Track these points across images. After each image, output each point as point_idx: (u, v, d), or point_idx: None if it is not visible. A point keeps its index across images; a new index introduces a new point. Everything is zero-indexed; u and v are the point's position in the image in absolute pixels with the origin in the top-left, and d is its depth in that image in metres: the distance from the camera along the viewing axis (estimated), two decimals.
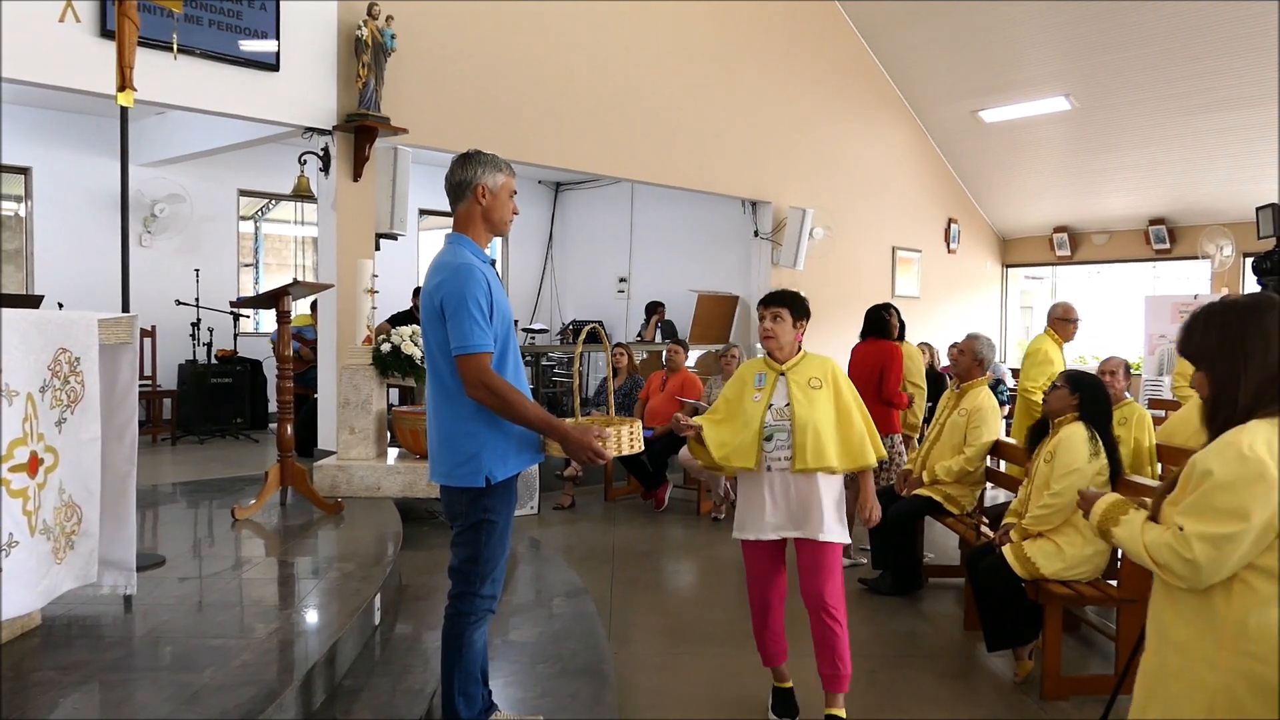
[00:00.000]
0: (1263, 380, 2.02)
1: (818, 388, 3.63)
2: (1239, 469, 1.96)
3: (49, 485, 3.08)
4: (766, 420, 3.62)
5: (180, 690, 2.85)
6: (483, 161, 3.05)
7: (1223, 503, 1.97)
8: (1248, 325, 2.07)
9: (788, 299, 3.75)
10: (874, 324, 6.64)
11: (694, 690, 4.19)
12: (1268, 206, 3.26)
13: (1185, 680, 2.05)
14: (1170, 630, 2.10)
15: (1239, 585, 1.99)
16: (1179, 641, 2.08)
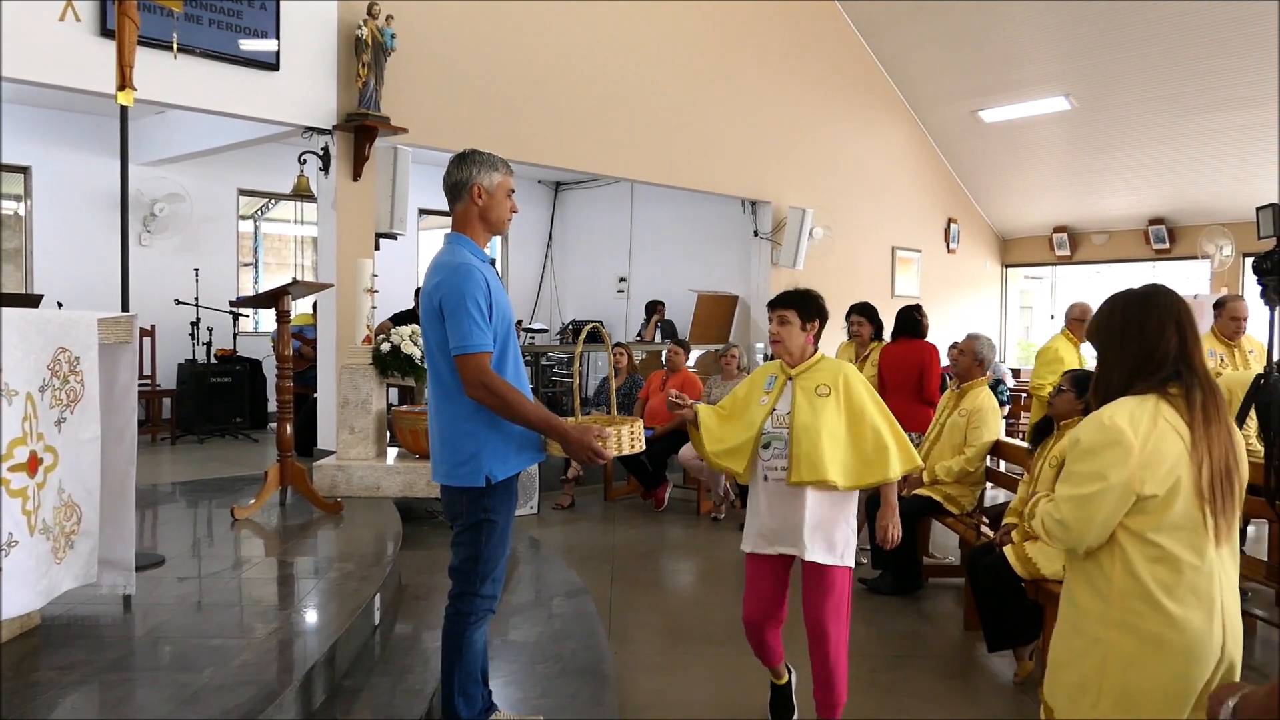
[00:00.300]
0: (1137, 362, 2.23)
1: (825, 395, 3.37)
2: (1098, 435, 2.17)
3: (48, 485, 3.08)
4: (766, 426, 3.44)
5: (180, 690, 2.85)
6: (478, 161, 3.04)
7: (1084, 467, 2.19)
8: (1130, 313, 2.28)
9: (795, 299, 3.53)
10: (906, 324, 6.78)
11: (694, 690, 4.19)
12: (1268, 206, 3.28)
13: (1084, 636, 2.24)
14: (1074, 594, 2.29)
15: (1118, 548, 2.18)
16: (1080, 604, 2.27)
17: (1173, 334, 2.22)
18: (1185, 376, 2.20)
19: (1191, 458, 2.14)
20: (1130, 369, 2.24)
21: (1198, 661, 2.10)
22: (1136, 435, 2.13)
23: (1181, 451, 2.14)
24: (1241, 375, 5.50)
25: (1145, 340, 2.23)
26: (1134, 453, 2.12)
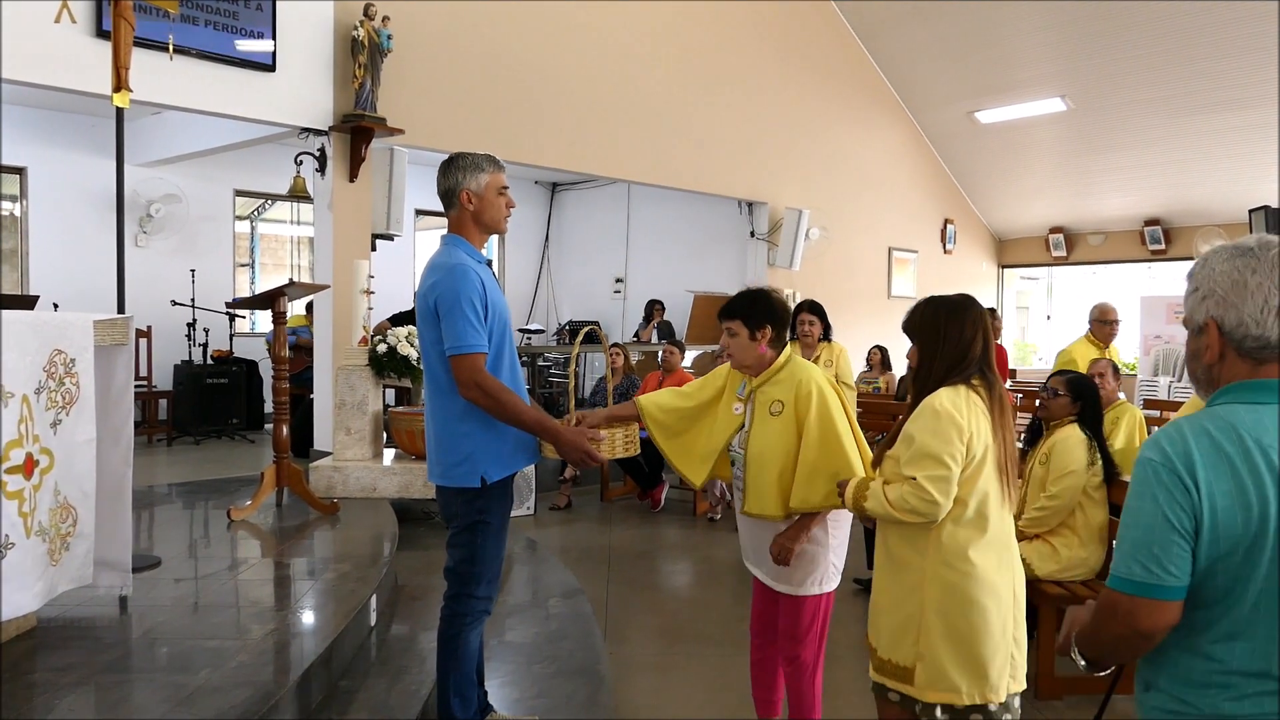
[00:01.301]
0: (953, 361, 2.62)
1: (778, 413, 3.04)
2: (936, 422, 2.54)
3: (44, 487, 3.08)
4: (732, 444, 3.18)
5: (176, 691, 2.86)
6: (463, 166, 3.03)
7: (937, 449, 2.53)
8: (951, 320, 2.66)
9: (736, 307, 3.13)
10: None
11: (689, 690, 4.19)
12: (1260, 209, 3.28)
13: (904, 586, 2.62)
14: (894, 551, 2.66)
15: None
16: (900, 559, 2.64)
17: (980, 339, 2.65)
18: (987, 374, 2.64)
19: (994, 437, 2.58)
20: (948, 366, 2.63)
21: (1000, 602, 2.55)
22: (961, 415, 2.54)
23: (989, 429, 2.58)
24: None
25: (962, 343, 2.63)
26: (965, 429, 2.53)
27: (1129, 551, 1.60)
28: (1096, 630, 1.69)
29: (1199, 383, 1.73)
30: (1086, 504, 4.36)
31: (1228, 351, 1.65)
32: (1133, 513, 1.61)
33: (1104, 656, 1.73)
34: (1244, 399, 1.62)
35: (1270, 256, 1.62)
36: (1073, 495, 4.32)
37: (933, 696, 2.56)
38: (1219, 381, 1.68)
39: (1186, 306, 1.74)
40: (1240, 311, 1.62)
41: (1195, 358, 1.72)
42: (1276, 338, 1.60)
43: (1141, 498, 1.60)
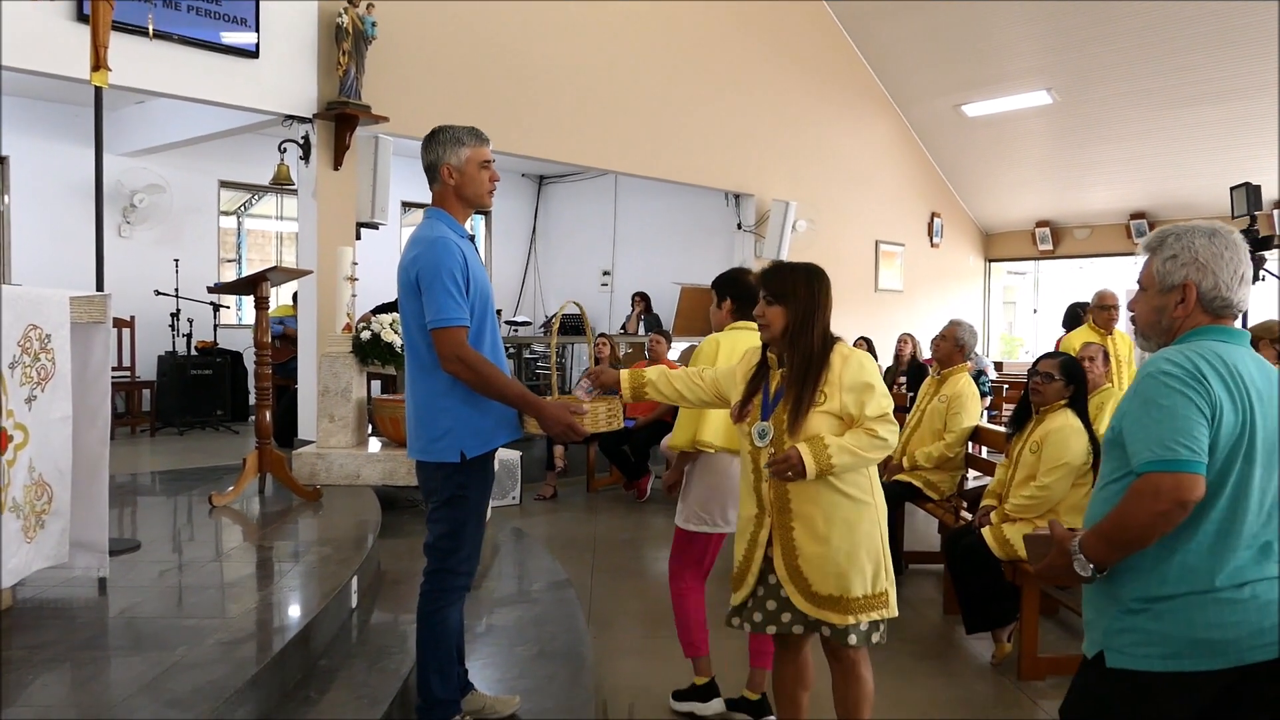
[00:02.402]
0: (825, 325, 2.93)
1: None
2: (871, 369, 2.90)
3: (19, 463, 3.05)
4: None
5: (152, 668, 2.82)
6: (443, 140, 3.00)
7: (881, 395, 2.87)
8: (820, 283, 2.96)
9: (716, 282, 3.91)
10: (1073, 319, 7.20)
11: (671, 674, 4.18)
12: (1241, 185, 3.31)
13: (859, 531, 2.89)
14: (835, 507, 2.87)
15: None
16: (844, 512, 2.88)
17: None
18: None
19: None
20: (823, 330, 2.92)
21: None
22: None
23: None
24: None
25: (828, 306, 2.96)
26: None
27: (1168, 436, 1.89)
28: (1128, 518, 1.92)
29: (1154, 331, 2.11)
30: (1072, 488, 4.35)
31: (1196, 309, 2.05)
32: (1161, 409, 1.92)
33: (1130, 545, 1.95)
34: (1216, 338, 2.02)
35: (1232, 239, 2.06)
36: (1064, 486, 4.30)
37: (891, 610, 2.95)
38: (1177, 330, 2.07)
39: (1157, 269, 2.10)
40: (1217, 278, 2.03)
41: (1161, 310, 2.09)
42: (1237, 300, 2.04)
43: (1168, 396, 1.92)
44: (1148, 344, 2.16)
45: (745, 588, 3.00)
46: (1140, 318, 2.16)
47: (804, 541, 2.89)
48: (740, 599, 3.03)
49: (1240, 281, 2.04)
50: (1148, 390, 1.95)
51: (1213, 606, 1.92)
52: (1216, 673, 1.93)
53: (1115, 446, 2.05)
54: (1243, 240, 2.07)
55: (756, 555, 2.97)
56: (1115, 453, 2.05)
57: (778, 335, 2.92)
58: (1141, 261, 2.18)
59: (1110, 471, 2.08)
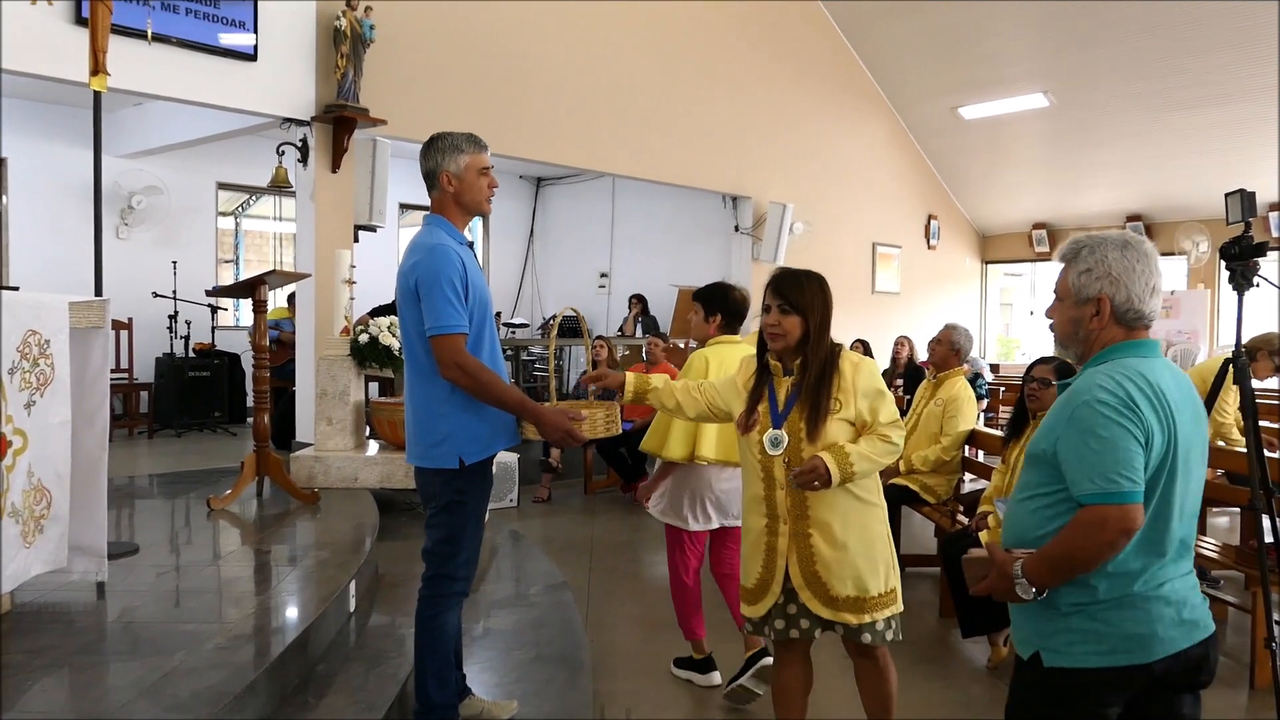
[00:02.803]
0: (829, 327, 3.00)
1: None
2: (876, 378, 2.98)
3: (18, 468, 3.06)
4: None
5: (150, 673, 2.83)
6: (442, 148, 3.01)
7: (889, 396, 2.98)
8: (829, 291, 3.04)
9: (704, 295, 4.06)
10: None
11: (669, 678, 4.19)
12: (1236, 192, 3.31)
13: (870, 531, 2.96)
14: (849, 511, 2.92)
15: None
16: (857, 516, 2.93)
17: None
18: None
19: None
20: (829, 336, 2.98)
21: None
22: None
23: None
24: (1211, 364, 5.56)
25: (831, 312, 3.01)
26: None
27: (1109, 468, 1.96)
28: (1076, 549, 2.00)
29: (1072, 341, 2.19)
30: None
31: (1110, 320, 2.11)
32: (1101, 440, 1.97)
33: (1075, 571, 2.02)
34: (1133, 354, 2.09)
35: (1144, 250, 2.12)
36: None
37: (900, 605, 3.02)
38: (1094, 341, 2.14)
39: (1073, 281, 2.15)
40: (1129, 290, 2.09)
41: (1078, 322, 2.15)
42: (1149, 311, 2.11)
43: (1107, 427, 1.97)
44: (1066, 352, 2.26)
45: (770, 597, 2.98)
46: (1058, 327, 2.23)
47: (821, 547, 2.92)
48: (764, 610, 3.01)
49: (1152, 293, 2.10)
50: (1086, 420, 2.00)
51: (1141, 605, 2.04)
52: (1148, 664, 2.04)
53: (1042, 462, 2.11)
54: (1154, 251, 2.13)
55: (779, 564, 2.96)
56: (1042, 468, 2.12)
57: (793, 344, 2.93)
58: (1057, 270, 2.23)
59: (1036, 484, 2.14)
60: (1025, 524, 2.14)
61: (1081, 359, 2.20)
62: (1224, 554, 4.66)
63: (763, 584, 3.00)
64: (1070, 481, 2.03)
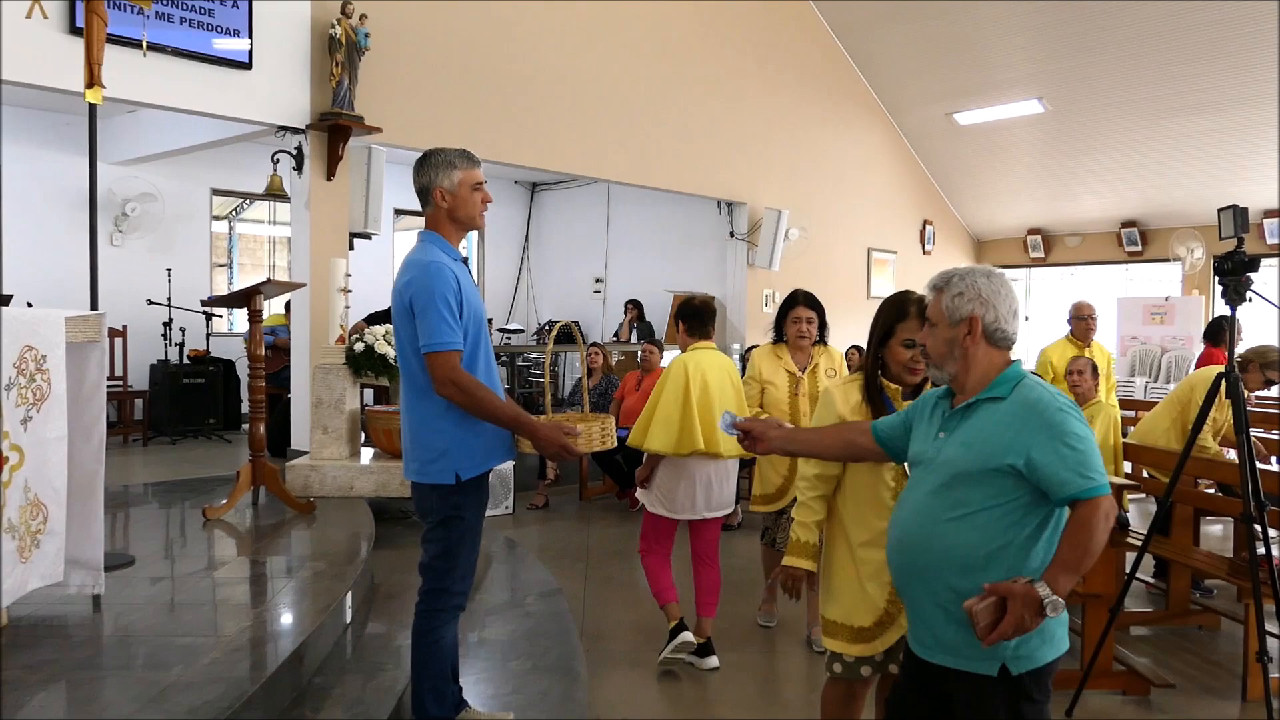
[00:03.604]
0: None
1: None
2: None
3: (14, 484, 3.06)
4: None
5: (148, 688, 2.84)
6: (436, 164, 3.03)
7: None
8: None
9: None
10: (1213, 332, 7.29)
11: (665, 686, 4.20)
12: (1228, 208, 3.33)
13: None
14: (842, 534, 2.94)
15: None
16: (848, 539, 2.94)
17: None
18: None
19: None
20: None
21: None
22: None
23: None
24: (1204, 373, 5.58)
25: None
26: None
27: (1094, 464, 2.16)
28: (1094, 544, 2.13)
29: (946, 361, 2.36)
30: None
31: (982, 339, 2.32)
32: (1081, 440, 2.17)
33: (1089, 566, 2.17)
34: (1026, 375, 2.33)
35: (1005, 280, 2.37)
36: None
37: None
38: (970, 359, 2.33)
39: (947, 305, 2.35)
40: (997, 311, 2.32)
41: (952, 342, 2.34)
42: (1012, 332, 2.35)
43: (1079, 426, 2.20)
44: (939, 374, 2.41)
45: (896, 629, 2.83)
46: (932, 350, 2.40)
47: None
48: (886, 645, 2.86)
49: (1013, 315, 2.34)
50: (1062, 425, 2.18)
51: None
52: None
53: (1000, 475, 2.21)
54: (1009, 281, 2.38)
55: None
56: (996, 481, 2.22)
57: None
58: (931, 299, 2.40)
59: (984, 499, 2.23)
60: (972, 539, 2.22)
61: (953, 378, 2.37)
62: (1216, 565, 4.68)
63: (886, 618, 2.83)
64: (1054, 484, 2.16)
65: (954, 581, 2.23)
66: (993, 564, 2.20)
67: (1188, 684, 4.28)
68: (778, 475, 4.55)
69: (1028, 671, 2.22)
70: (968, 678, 2.25)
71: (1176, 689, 4.22)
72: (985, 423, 2.27)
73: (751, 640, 4.86)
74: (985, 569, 2.20)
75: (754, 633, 4.97)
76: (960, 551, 2.23)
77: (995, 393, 2.29)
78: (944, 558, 2.25)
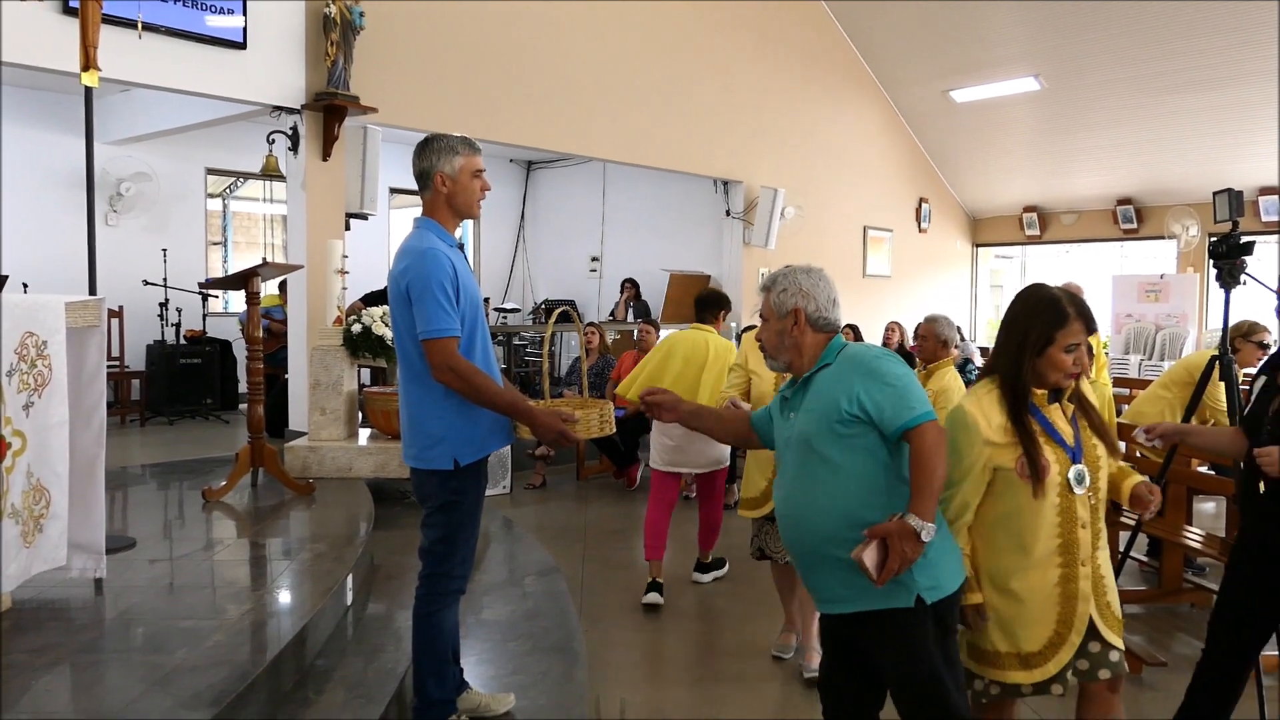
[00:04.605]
0: None
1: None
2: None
3: (17, 469, 3.08)
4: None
5: (152, 671, 2.87)
6: (437, 149, 3.03)
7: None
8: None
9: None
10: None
11: (663, 666, 4.25)
12: (1224, 191, 3.34)
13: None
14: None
15: None
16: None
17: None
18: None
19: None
20: None
21: None
22: None
23: None
24: (1198, 356, 5.61)
25: None
26: None
27: (918, 395, 2.44)
28: (940, 466, 2.37)
29: (780, 351, 2.66)
30: None
31: (807, 327, 2.62)
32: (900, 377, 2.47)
33: (941, 487, 2.39)
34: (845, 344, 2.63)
35: (823, 275, 2.67)
36: None
37: None
38: (800, 346, 2.62)
39: (773, 302, 2.66)
40: (818, 302, 2.63)
41: (782, 333, 2.64)
42: (834, 318, 2.65)
43: (898, 365, 2.51)
44: (776, 363, 2.70)
45: (1067, 649, 2.60)
46: (767, 342, 2.69)
47: (1106, 571, 2.68)
48: (1059, 667, 2.60)
49: (833, 304, 2.64)
50: (878, 367, 2.47)
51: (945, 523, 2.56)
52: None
53: (846, 425, 2.45)
54: (827, 275, 2.67)
55: (1079, 610, 2.58)
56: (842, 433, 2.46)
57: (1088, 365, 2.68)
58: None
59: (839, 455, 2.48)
60: (843, 492, 2.46)
61: (788, 365, 2.67)
62: (1208, 544, 4.73)
63: (1057, 639, 2.59)
64: (884, 421, 2.42)
65: (845, 534, 2.41)
66: (868, 508, 2.41)
67: (1180, 662, 4.32)
68: (763, 478, 4.22)
69: (940, 600, 2.42)
70: (886, 615, 2.43)
71: (1168, 667, 4.28)
72: (819, 387, 2.54)
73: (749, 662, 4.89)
74: (864, 514, 2.40)
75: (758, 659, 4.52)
76: (839, 507, 2.45)
77: (824, 361, 2.59)
78: (827, 517, 2.47)
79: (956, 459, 2.55)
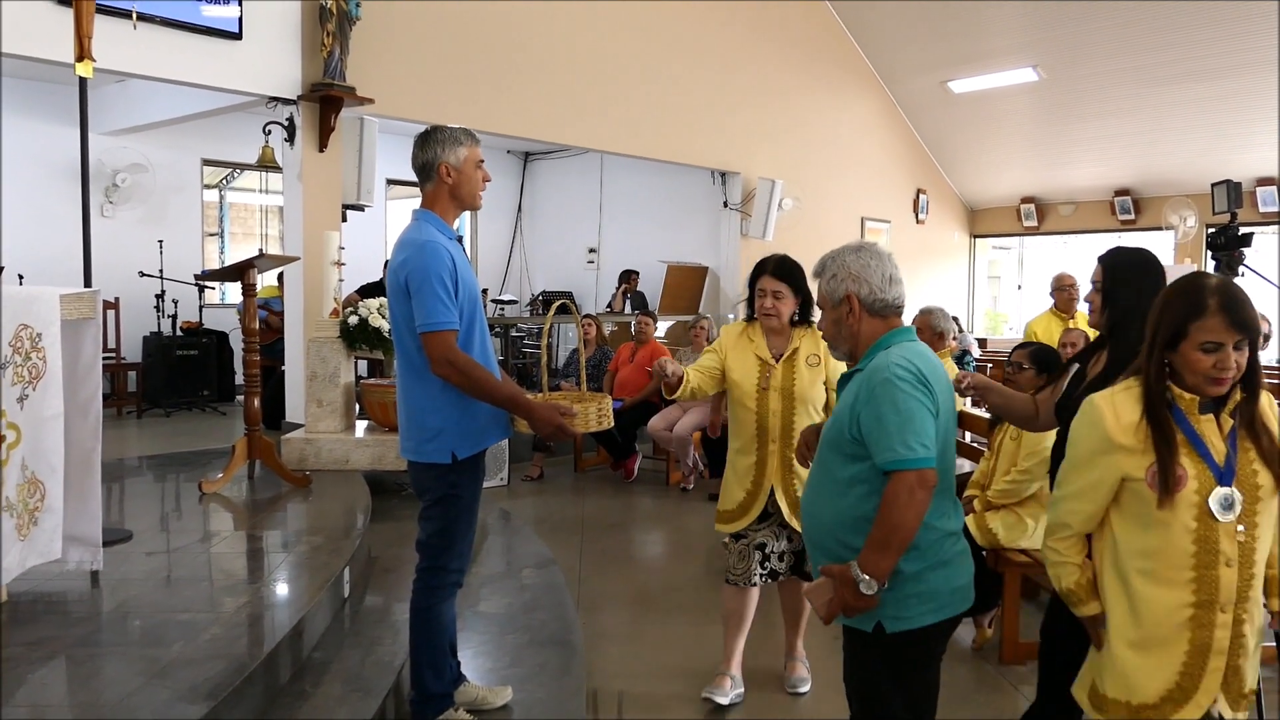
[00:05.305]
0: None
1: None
2: None
3: (11, 462, 3.07)
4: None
5: (149, 664, 2.87)
6: (441, 140, 3.01)
7: None
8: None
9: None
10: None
11: (660, 658, 4.25)
12: (1222, 183, 3.33)
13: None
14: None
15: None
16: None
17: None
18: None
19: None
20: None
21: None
22: None
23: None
24: None
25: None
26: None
27: (911, 436, 2.21)
28: (903, 521, 2.19)
29: (839, 341, 2.49)
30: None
31: (863, 313, 2.43)
32: (899, 412, 2.23)
33: (906, 541, 2.21)
34: (902, 340, 2.41)
35: (875, 250, 2.46)
36: (1043, 471, 4.36)
37: None
38: (858, 335, 2.44)
39: (824, 289, 2.49)
40: (870, 285, 2.42)
41: (839, 322, 2.47)
42: (893, 299, 2.43)
43: (905, 400, 2.24)
44: (837, 353, 2.56)
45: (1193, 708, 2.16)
46: (826, 333, 2.56)
47: (1250, 633, 2.23)
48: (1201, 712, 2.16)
49: (890, 282, 2.42)
50: (884, 394, 2.26)
51: (958, 560, 2.38)
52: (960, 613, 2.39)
53: (853, 443, 2.32)
54: (883, 250, 2.46)
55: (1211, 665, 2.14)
56: (849, 449, 2.34)
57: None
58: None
59: (842, 468, 2.37)
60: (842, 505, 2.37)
61: (850, 355, 2.50)
62: None
63: (1179, 693, 2.16)
64: (874, 452, 2.27)
65: (846, 540, 2.35)
66: (861, 528, 2.31)
67: None
68: (741, 489, 3.65)
69: (901, 632, 2.31)
70: (851, 633, 2.40)
71: None
72: (847, 394, 2.42)
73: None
74: (857, 532, 2.31)
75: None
76: (839, 517, 2.38)
77: (862, 364, 2.42)
78: (832, 522, 2.40)
79: (1069, 457, 2.25)
